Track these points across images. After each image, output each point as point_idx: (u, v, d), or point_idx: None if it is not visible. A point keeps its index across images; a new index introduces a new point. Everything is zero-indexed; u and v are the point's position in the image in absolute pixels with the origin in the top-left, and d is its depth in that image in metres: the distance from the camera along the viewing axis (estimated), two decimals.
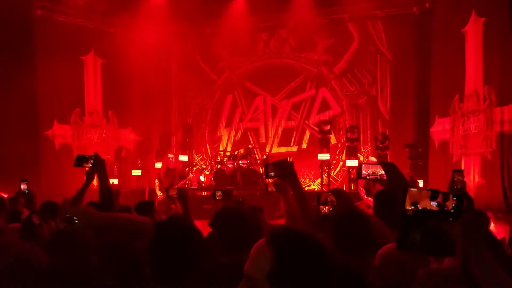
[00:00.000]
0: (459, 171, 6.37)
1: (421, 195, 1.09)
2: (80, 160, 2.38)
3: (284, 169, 2.03)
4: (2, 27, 8.01)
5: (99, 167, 2.38)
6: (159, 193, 8.37)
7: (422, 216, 1.08)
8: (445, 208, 1.05)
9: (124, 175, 10.14)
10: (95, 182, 2.41)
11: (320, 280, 1.02)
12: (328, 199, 2.22)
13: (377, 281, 1.46)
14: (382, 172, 1.87)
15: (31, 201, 3.70)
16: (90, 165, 2.36)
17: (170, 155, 9.16)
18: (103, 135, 10.58)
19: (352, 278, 1.45)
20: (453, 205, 1.05)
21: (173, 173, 8.97)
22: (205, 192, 8.70)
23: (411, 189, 1.10)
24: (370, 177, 1.91)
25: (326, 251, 1.07)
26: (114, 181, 9.93)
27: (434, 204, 1.06)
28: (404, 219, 1.09)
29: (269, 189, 2.86)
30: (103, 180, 2.36)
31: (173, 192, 2.92)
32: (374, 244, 1.81)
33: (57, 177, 8.95)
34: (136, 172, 10.08)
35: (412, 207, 1.08)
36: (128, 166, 10.19)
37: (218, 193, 3.31)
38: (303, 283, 1.01)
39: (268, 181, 2.70)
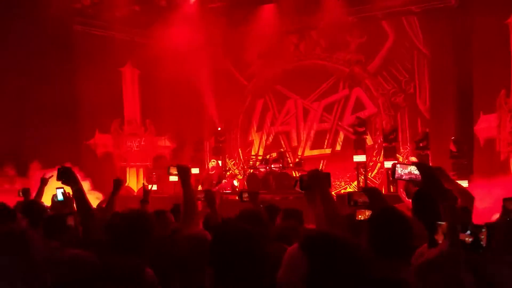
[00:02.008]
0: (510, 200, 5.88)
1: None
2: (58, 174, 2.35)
3: (311, 179, 2.01)
4: (44, 42, 8.50)
5: (69, 182, 2.35)
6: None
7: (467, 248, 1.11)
8: (479, 242, 1.07)
9: (162, 181, 10.41)
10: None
11: (356, 285, 0.98)
12: (360, 200, 2.07)
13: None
14: (417, 172, 1.77)
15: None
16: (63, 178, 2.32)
17: (213, 161, 9.33)
18: (142, 143, 10.95)
19: (388, 283, 1.36)
20: (484, 236, 1.07)
21: (211, 178, 9.09)
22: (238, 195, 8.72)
23: (439, 223, 1.16)
24: (405, 177, 1.82)
25: (361, 254, 1.04)
26: (153, 187, 10.23)
27: (466, 237, 1.09)
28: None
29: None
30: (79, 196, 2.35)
31: (200, 195, 2.93)
32: (413, 247, 1.71)
33: (100, 185, 9.34)
34: (173, 178, 10.28)
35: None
36: (165, 172, 10.43)
37: (245, 195, 3.29)
38: (338, 285, 0.98)
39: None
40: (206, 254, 1.72)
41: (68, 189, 3.10)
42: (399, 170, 1.83)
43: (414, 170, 1.79)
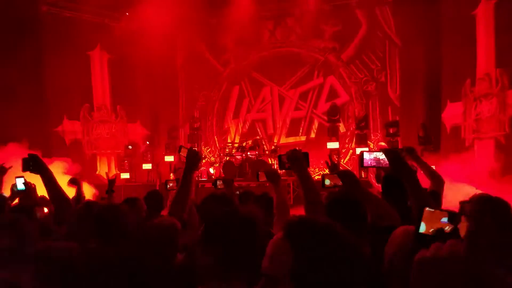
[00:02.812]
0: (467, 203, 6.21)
1: (436, 215, 1.07)
2: (24, 164, 2.29)
3: (291, 159, 2.02)
4: (8, 24, 8.02)
5: (39, 169, 2.30)
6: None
7: (436, 239, 1.04)
8: (458, 231, 1.05)
9: (134, 169, 10.21)
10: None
11: (345, 270, 0.95)
12: (333, 182, 2.08)
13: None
14: (384, 158, 1.82)
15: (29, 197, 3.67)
16: (31, 167, 2.28)
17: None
18: (113, 130, 10.63)
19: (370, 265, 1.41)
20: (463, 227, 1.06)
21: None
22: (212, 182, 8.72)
23: (427, 209, 1.09)
24: (373, 163, 1.87)
25: (346, 238, 1.00)
26: (125, 175, 10.04)
27: (449, 227, 1.05)
28: (417, 240, 1.07)
29: (260, 179, 2.84)
30: (49, 183, 2.30)
31: (173, 183, 2.90)
32: (369, 226, 1.77)
33: (69, 174, 9.04)
34: (147, 166, 10.13)
35: (427, 231, 1.07)
36: (139, 160, 10.25)
37: (219, 182, 3.33)
38: (328, 275, 0.94)
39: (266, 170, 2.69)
40: (175, 241, 1.75)
41: (31, 179, 3.00)
42: (367, 157, 1.88)
43: (381, 156, 1.84)
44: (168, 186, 3.31)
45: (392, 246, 1.30)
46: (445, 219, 1.07)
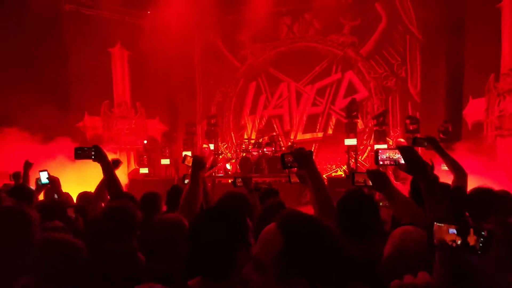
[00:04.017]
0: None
1: (446, 230, 1.07)
2: (81, 153, 2.47)
3: (298, 157, 1.98)
4: (34, 22, 8.29)
5: (101, 158, 2.51)
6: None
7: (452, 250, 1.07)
8: (471, 245, 1.03)
9: (153, 165, 10.40)
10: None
11: (328, 264, 1.00)
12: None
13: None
14: (399, 156, 1.77)
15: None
16: (93, 157, 2.45)
17: (204, 145, 9.23)
18: (132, 126, 10.87)
19: (361, 264, 1.41)
20: (481, 241, 1.03)
21: (205, 162, 9.02)
22: (231, 180, 8.77)
23: (437, 224, 1.08)
24: (388, 162, 1.82)
25: (335, 236, 1.05)
26: (144, 170, 10.26)
27: (460, 240, 1.05)
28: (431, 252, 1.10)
29: (292, 180, 2.83)
30: (107, 171, 2.49)
31: (186, 179, 2.89)
32: (383, 229, 1.74)
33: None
34: (165, 161, 10.31)
35: (438, 243, 1.08)
36: (157, 155, 10.44)
37: (239, 180, 3.34)
38: (311, 267, 0.99)
39: (293, 171, 2.67)
40: (181, 238, 1.73)
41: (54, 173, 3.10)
42: (382, 155, 1.84)
43: (396, 154, 1.79)
44: (185, 181, 3.27)
45: (389, 246, 1.30)
46: (453, 231, 1.07)
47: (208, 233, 1.18)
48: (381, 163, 1.87)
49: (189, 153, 2.50)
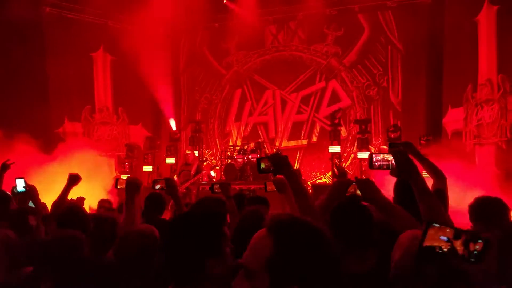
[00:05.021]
0: None
1: (443, 232, 1.06)
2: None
3: (277, 162, 1.93)
4: (13, 24, 8.06)
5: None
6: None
7: (440, 256, 1.05)
8: (467, 253, 1.02)
9: (135, 172, 10.21)
10: None
11: (319, 270, 0.96)
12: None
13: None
14: (392, 159, 1.77)
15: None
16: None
17: (187, 151, 9.12)
18: (114, 132, 10.64)
19: (353, 275, 1.39)
20: (476, 248, 1.02)
21: (189, 169, 8.94)
22: (209, 186, 8.66)
23: (434, 225, 1.07)
24: (380, 165, 1.82)
25: (328, 241, 1.01)
26: (124, 177, 10.01)
27: (458, 246, 1.03)
28: (421, 254, 1.07)
29: (268, 188, 2.75)
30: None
31: (161, 184, 2.72)
32: (376, 236, 1.73)
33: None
34: (147, 168, 10.13)
35: (431, 245, 1.06)
36: (140, 162, 10.25)
37: (216, 186, 3.24)
38: (301, 273, 0.95)
39: (269, 178, 2.63)
40: (153, 249, 1.70)
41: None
42: (375, 159, 1.84)
43: (389, 157, 1.80)
44: (156, 186, 2.95)
45: (398, 251, 1.29)
46: (444, 238, 1.06)
47: (177, 239, 1.19)
48: (374, 167, 1.85)
49: (124, 176, 2.37)
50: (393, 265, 1.31)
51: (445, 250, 1.05)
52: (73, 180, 2.75)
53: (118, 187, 2.50)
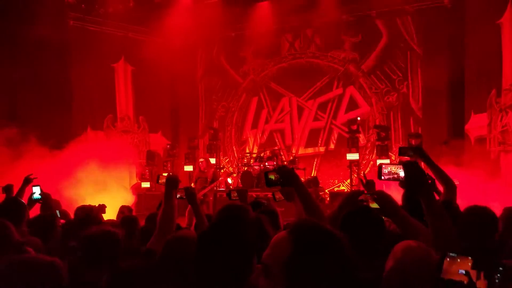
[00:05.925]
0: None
1: (461, 263, 1.03)
2: None
3: (284, 175, 1.95)
4: (39, 37, 8.41)
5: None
6: None
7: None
8: (487, 285, 1.00)
9: (155, 179, 10.36)
10: None
11: (335, 273, 0.99)
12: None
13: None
14: (401, 171, 1.74)
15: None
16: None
17: (200, 159, 9.22)
18: (135, 140, 10.90)
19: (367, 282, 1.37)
20: (497, 277, 1.00)
21: (205, 176, 9.00)
22: (226, 193, 8.67)
23: (451, 254, 1.05)
24: (391, 177, 1.80)
25: (345, 247, 1.04)
26: (145, 184, 10.23)
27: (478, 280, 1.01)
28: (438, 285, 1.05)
29: (277, 196, 2.81)
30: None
31: (181, 193, 2.71)
32: (389, 245, 1.70)
33: None
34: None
35: (450, 279, 1.04)
36: (159, 169, 10.43)
37: (234, 194, 3.28)
38: (318, 274, 0.99)
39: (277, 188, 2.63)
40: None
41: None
42: (385, 170, 1.82)
43: (399, 169, 1.77)
44: (159, 181, 2.82)
45: (390, 261, 1.27)
46: (462, 271, 1.03)
47: (230, 237, 1.19)
48: (383, 177, 1.83)
49: (165, 174, 2.43)
50: (384, 275, 1.29)
51: (465, 284, 1.03)
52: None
53: (159, 182, 2.58)
